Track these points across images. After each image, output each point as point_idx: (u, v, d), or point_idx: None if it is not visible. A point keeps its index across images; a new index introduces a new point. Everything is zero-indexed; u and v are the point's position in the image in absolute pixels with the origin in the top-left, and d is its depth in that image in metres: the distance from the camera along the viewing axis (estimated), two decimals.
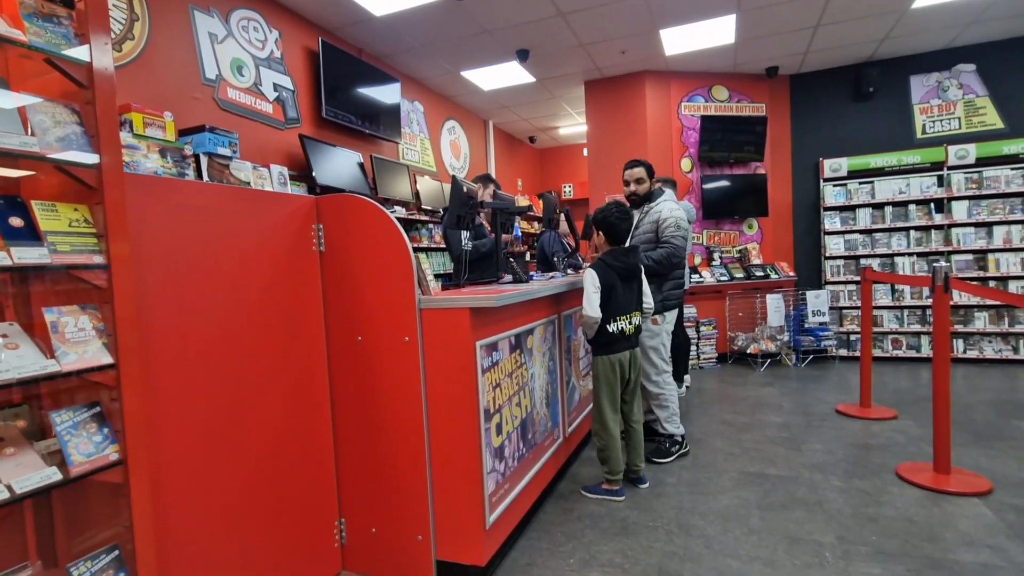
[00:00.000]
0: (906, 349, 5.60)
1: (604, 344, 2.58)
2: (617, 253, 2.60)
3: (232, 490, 1.67)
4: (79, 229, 1.27)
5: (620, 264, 2.57)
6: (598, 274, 2.52)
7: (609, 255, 2.59)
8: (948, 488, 2.53)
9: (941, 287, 2.62)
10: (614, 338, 2.56)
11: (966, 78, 5.50)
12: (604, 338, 2.56)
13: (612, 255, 2.58)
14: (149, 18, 3.01)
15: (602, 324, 2.52)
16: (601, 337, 2.56)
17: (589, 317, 2.50)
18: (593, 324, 2.52)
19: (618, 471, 2.60)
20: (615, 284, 2.54)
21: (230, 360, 1.69)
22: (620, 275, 2.56)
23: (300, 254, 1.98)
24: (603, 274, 2.52)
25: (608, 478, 2.62)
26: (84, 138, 1.27)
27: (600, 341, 2.58)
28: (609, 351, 2.58)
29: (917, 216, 5.55)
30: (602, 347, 2.59)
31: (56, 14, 1.25)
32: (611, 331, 2.54)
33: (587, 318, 2.51)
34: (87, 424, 1.27)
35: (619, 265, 2.56)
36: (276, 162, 3.71)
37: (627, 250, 2.64)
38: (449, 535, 1.93)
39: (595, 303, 2.49)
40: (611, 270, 2.54)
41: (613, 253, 2.59)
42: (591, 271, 2.54)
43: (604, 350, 2.59)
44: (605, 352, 2.59)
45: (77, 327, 1.25)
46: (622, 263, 2.58)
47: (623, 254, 2.60)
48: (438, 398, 1.91)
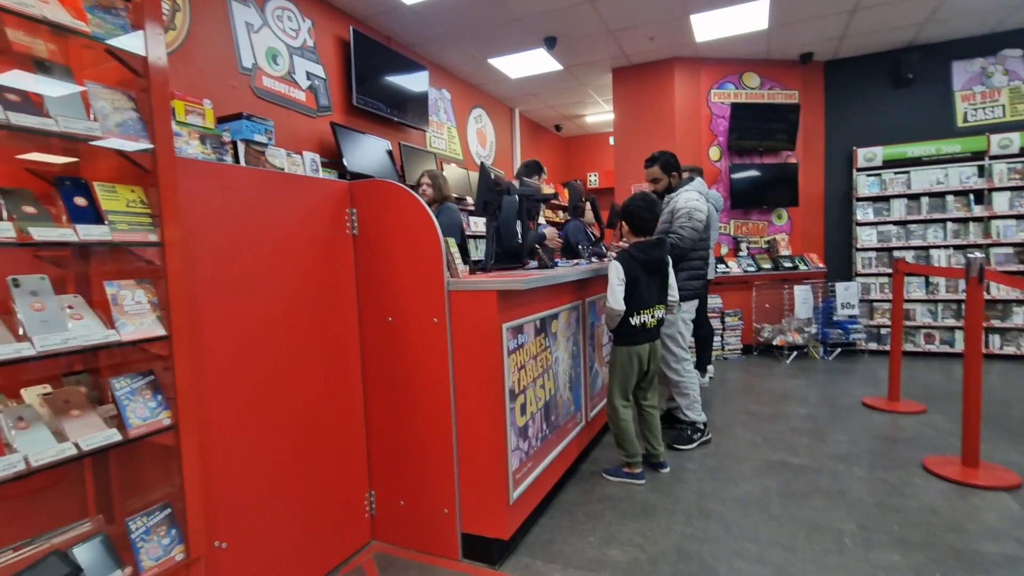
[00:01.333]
0: (939, 344, 5.46)
1: (625, 336, 2.58)
2: (643, 245, 2.57)
3: (271, 459, 1.77)
4: (135, 209, 1.36)
5: (645, 257, 2.54)
6: (623, 266, 2.50)
7: (635, 247, 2.56)
8: (975, 481, 2.50)
9: (975, 278, 2.56)
10: (635, 331, 2.56)
11: (1012, 63, 5.28)
12: (626, 330, 2.56)
13: (638, 247, 2.56)
14: (190, 9, 3.11)
15: (624, 316, 2.51)
16: (623, 328, 2.56)
17: (612, 310, 2.50)
18: (616, 316, 2.52)
19: (635, 453, 2.64)
20: (639, 277, 2.51)
21: (269, 336, 1.78)
22: (645, 268, 2.54)
23: (335, 237, 2.05)
24: (628, 266, 2.50)
25: (627, 461, 2.65)
26: (140, 123, 1.36)
27: (621, 332, 2.58)
28: (630, 342, 2.59)
29: (955, 207, 5.38)
30: (623, 338, 2.60)
31: (115, 5, 1.33)
32: (633, 324, 2.54)
33: (610, 310, 2.52)
34: (143, 391, 1.37)
35: (644, 258, 2.54)
36: (308, 149, 3.81)
37: (653, 242, 2.61)
38: (474, 509, 2.00)
39: (619, 296, 2.48)
40: (636, 263, 2.51)
41: (639, 245, 2.56)
42: (616, 263, 2.52)
43: (625, 341, 2.60)
44: (626, 343, 2.60)
45: (134, 300, 1.35)
46: (647, 256, 2.55)
47: (648, 247, 2.57)
48: (465, 378, 1.98)
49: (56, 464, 1.16)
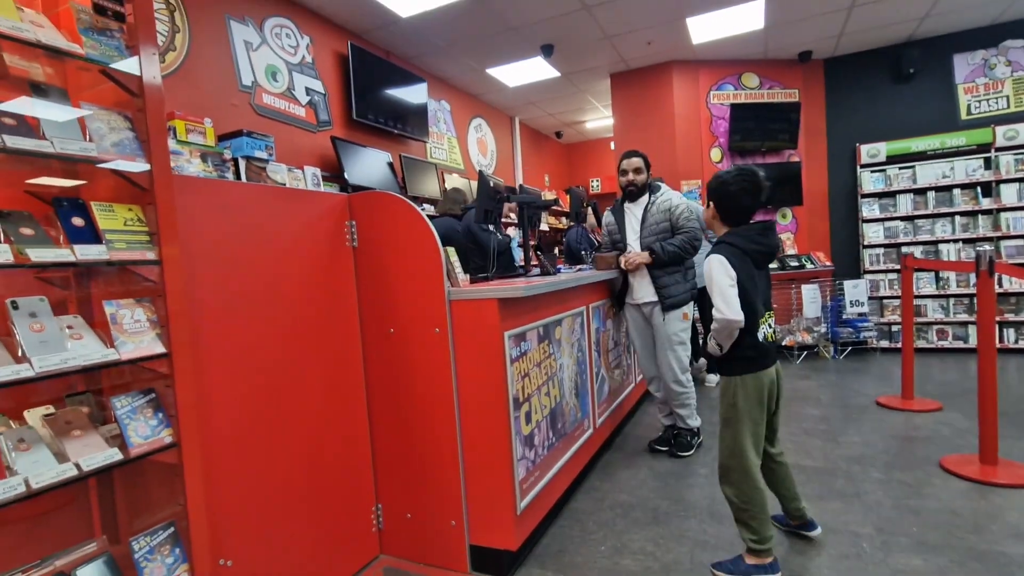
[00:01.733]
0: (952, 339, 5.38)
1: (749, 359, 1.83)
2: (751, 233, 1.86)
3: (275, 474, 1.76)
4: (133, 228, 1.36)
5: (758, 246, 1.85)
6: (729, 260, 1.79)
7: (739, 236, 1.85)
8: (995, 480, 2.44)
9: (985, 272, 2.52)
10: (763, 349, 1.84)
11: (1015, 54, 5.23)
12: (749, 351, 1.82)
13: (744, 235, 1.85)
14: (189, 30, 3.15)
15: (748, 332, 1.80)
16: (744, 350, 1.82)
17: (728, 321, 1.75)
18: (735, 330, 1.78)
19: (768, 537, 1.82)
20: (752, 274, 1.84)
21: (271, 351, 1.78)
22: (757, 261, 1.87)
23: (335, 249, 2.05)
24: (736, 260, 1.80)
25: (754, 547, 1.83)
26: (136, 143, 1.37)
27: (741, 355, 1.83)
28: (758, 367, 1.83)
29: (962, 201, 5.32)
30: (745, 363, 1.84)
31: (109, 28, 1.34)
32: (761, 339, 1.83)
33: (724, 324, 1.77)
34: (143, 409, 1.37)
35: (756, 247, 1.84)
36: (309, 164, 3.83)
37: (763, 227, 1.89)
38: (482, 520, 1.98)
39: (734, 300, 1.75)
40: (746, 255, 1.83)
41: (745, 233, 1.86)
42: (718, 258, 1.80)
43: (749, 366, 1.83)
44: (750, 368, 1.83)
45: (133, 319, 1.35)
46: (761, 244, 1.85)
47: (759, 232, 1.86)
48: (468, 387, 1.96)
49: (57, 486, 1.16)
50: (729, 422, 1.87)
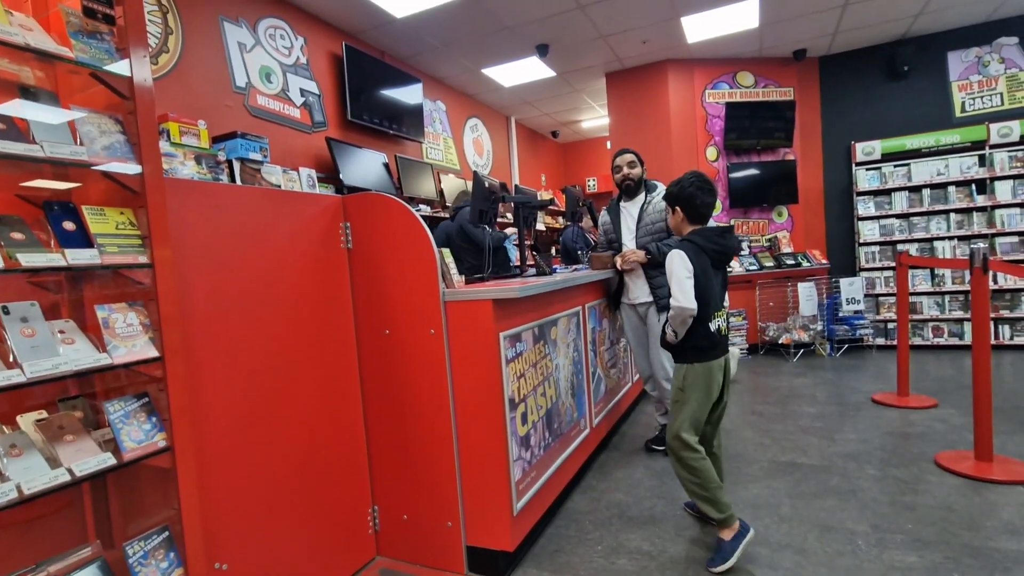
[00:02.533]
0: (948, 336, 5.40)
1: (701, 349, 2.02)
2: (709, 233, 2.06)
3: (271, 477, 1.76)
4: (125, 231, 1.35)
5: (715, 247, 2.03)
6: (688, 255, 1.98)
7: (699, 235, 2.04)
8: (990, 476, 2.45)
9: (979, 268, 2.53)
10: (714, 340, 2.02)
11: (1008, 52, 5.25)
12: (702, 340, 2.01)
13: (703, 235, 2.04)
14: (182, 31, 3.14)
15: (700, 322, 1.99)
16: (696, 340, 2.01)
17: (683, 309, 1.95)
18: (688, 318, 1.98)
19: (728, 503, 1.97)
20: (707, 271, 2.02)
21: (266, 353, 1.77)
22: (715, 261, 2.05)
23: (329, 251, 2.05)
24: (694, 256, 1.99)
25: (721, 520, 1.96)
26: (127, 146, 1.36)
27: (693, 345, 2.02)
28: (707, 356, 2.02)
29: (957, 198, 5.33)
30: (697, 352, 2.03)
31: (99, 31, 1.34)
32: (712, 329, 2.01)
33: (679, 311, 1.96)
34: (137, 413, 1.36)
35: (713, 247, 2.03)
36: (304, 165, 3.83)
37: (722, 229, 2.12)
38: (478, 521, 1.98)
39: (689, 291, 1.95)
40: (704, 254, 2.01)
41: (704, 233, 2.05)
42: (679, 253, 1.99)
43: (700, 355, 2.02)
44: (701, 358, 2.02)
45: (126, 323, 1.34)
46: (718, 245, 2.04)
47: (717, 234, 2.06)
48: (464, 388, 1.96)
49: (49, 491, 1.15)
50: (678, 402, 2.06)
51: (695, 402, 2.01)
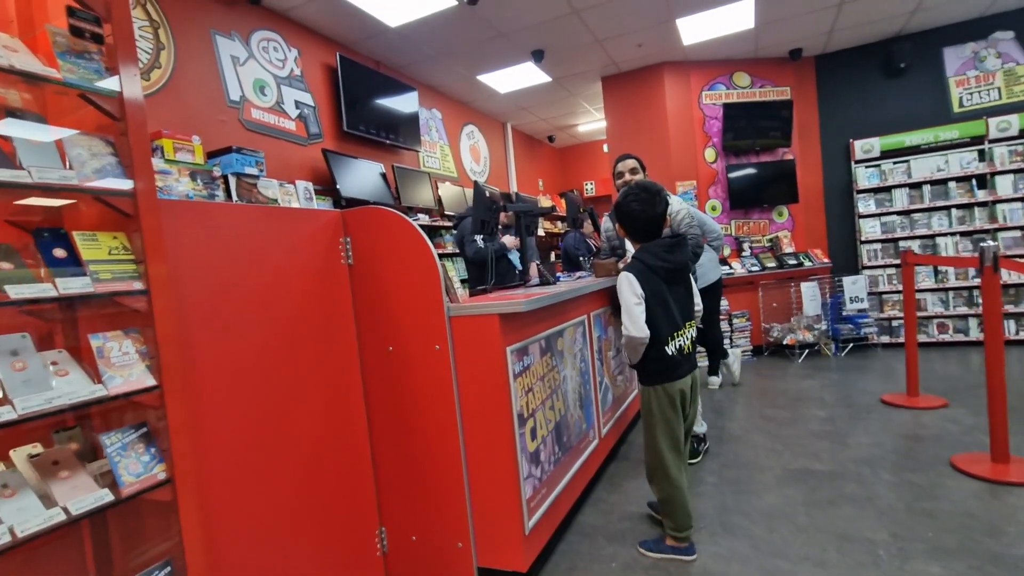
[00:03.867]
0: (953, 333, 5.36)
1: (660, 371, 1.97)
2: (656, 249, 1.97)
3: (276, 502, 1.70)
4: (119, 256, 1.31)
5: (664, 263, 1.95)
6: (637, 278, 1.92)
7: (647, 252, 1.97)
8: (1008, 479, 2.40)
9: (990, 267, 2.49)
10: (673, 362, 1.96)
11: (1004, 46, 5.24)
12: (660, 363, 1.96)
13: (651, 252, 1.97)
14: (174, 46, 3.10)
15: (653, 347, 1.93)
16: (654, 363, 1.96)
17: (633, 338, 1.90)
18: (640, 346, 1.92)
19: (686, 527, 2.04)
20: (660, 289, 1.94)
21: (267, 375, 1.72)
22: (666, 277, 1.97)
23: (330, 268, 2.00)
24: (644, 278, 1.92)
25: (674, 535, 2.06)
26: (119, 168, 1.31)
27: (652, 368, 1.98)
28: (667, 378, 1.97)
29: (958, 194, 5.31)
30: (656, 375, 1.98)
31: (88, 50, 1.29)
32: (669, 353, 1.95)
33: (630, 339, 1.91)
34: (135, 444, 1.31)
35: (663, 264, 1.95)
36: (301, 178, 3.78)
37: (670, 243, 2.00)
38: (489, 542, 1.92)
39: (639, 318, 1.88)
40: (653, 273, 1.94)
41: (651, 249, 1.97)
42: (627, 276, 1.93)
43: (659, 378, 1.98)
44: (660, 379, 1.98)
45: (121, 351, 1.29)
46: (666, 261, 1.96)
47: (666, 249, 1.98)
48: (471, 405, 1.91)
49: (45, 532, 1.10)
50: (647, 426, 2.06)
51: (664, 423, 2.01)
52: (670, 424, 2.00)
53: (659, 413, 2.01)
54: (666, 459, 2.01)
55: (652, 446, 2.04)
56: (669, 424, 2.00)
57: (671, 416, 2.00)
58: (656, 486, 2.08)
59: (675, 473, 2.01)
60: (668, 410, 1.99)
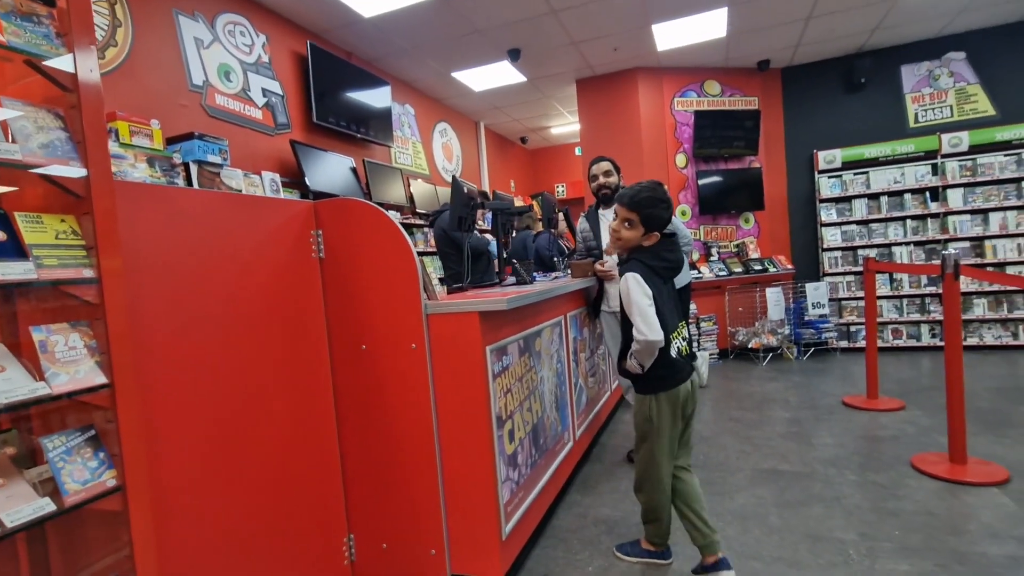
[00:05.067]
0: (906, 338, 5.59)
1: (663, 377, 1.84)
2: (659, 250, 1.87)
3: (237, 509, 1.59)
4: (67, 241, 1.19)
5: (663, 263, 1.86)
6: (644, 279, 1.79)
7: (648, 253, 1.86)
8: (966, 479, 2.49)
9: (951, 274, 2.58)
10: (677, 365, 1.84)
11: (956, 66, 5.51)
12: (664, 369, 1.83)
13: (651, 253, 1.86)
14: (132, 24, 2.92)
15: (661, 351, 1.80)
16: (659, 369, 1.82)
17: (651, 342, 1.74)
18: (654, 351, 1.78)
19: (666, 534, 2.01)
20: (659, 291, 1.84)
21: (230, 373, 1.61)
22: (664, 277, 1.88)
23: (300, 261, 1.90)
24: (649, 279, 1.81)
25: (653, 540, 2.04)
26: (69, 144, 1.19)
27: (657, 374, 1.83)
28: (671, 384, 1.84)
29: (913, 205, 5.55)
30: (659, 381, 1.84)
31: (36, 12, 1.17)
32: (672, 356, 1.83)
33: (646, 344, 1.75)
34: (81, 449, 1.19)
35: (662, 264, 1.86)
36: (267, 169, 3.63)
37: (669, 243, 1.90)
38: (464, 548, 1.86)
39: (655, 320, 1.74)
40: (654, 273, 1.84)
41: (654, 250, 1.86)
42: (634, 277, 1.79)
43: (662, 384, 1.84)
44: (665, 386, 1.84)
45: (67, 346, 1.17)
46: (666, 260, 1.87)
47: (668, 249, 1.88)
48: (448, 407, 1.84)
49: None
50: (646, 437, 1.92)
51: (663, 434, 1.87)
52: (671, 435, 1.88)
53: (659, 424, 1.85)
54: (661, 469, 1.89)
55: (649, 458, 1.91)
56: (669, 435, 1.87)
57: (670, 426, 1.86)
58: (644, 495, 1.97)
59: (666, 483, 1.91)
60: (669, 420, 1.86)
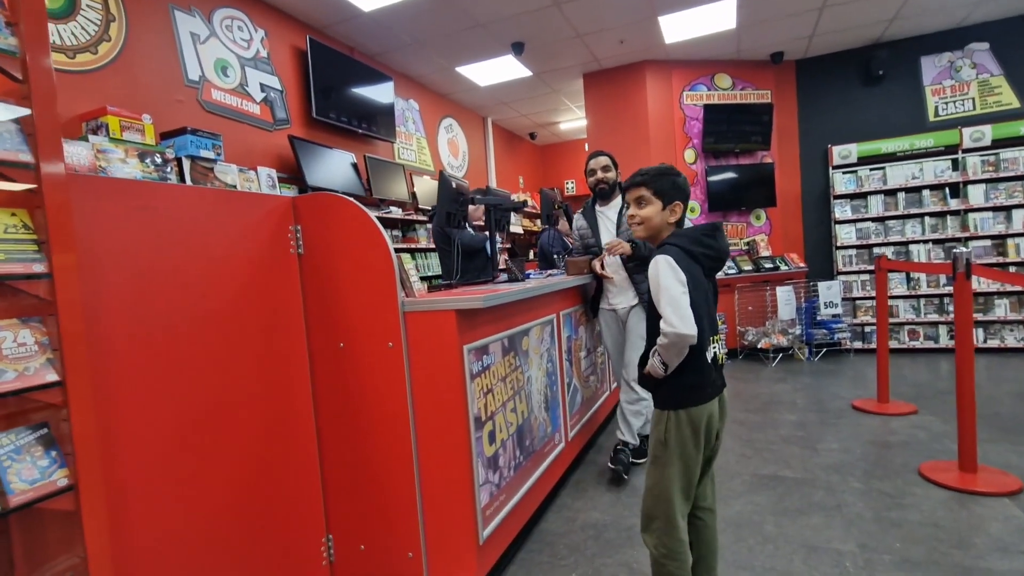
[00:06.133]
0: (923, 340, 5.41)
1: (693, 388, 1.46)
2: (695, 234, 1.51)
3: (208, 510, 1.56)
4: (16, 236, 1.16)
5: (706, 250, 1.49)
6: (680, 265, 1.43)
7: (685, 237, 1.51)
8: (975, 488, 2.37)
9: (963, 274, 2.46)
10: (710, 375, 1.47)
11: (980, 57, 5.29)
12: (695, 376, 1.45)
13: (688, 236, 1.51)
14: (126, 18, 2.92)
15: (697, 350, 1.43)
16: (688, 376, 1.44)
17: (683, 336, 1.36)
18: (684, 348, 1.40)
19: None
20: (701, 282, 1.48)
21: (202, 371, 1.58)
22: (706, 268, 1.51)
23: (277, 257, 1.86)
24: (686, 265, 1.44)
25: None
26: (20, 136, 1.17)
27: (683, 382, 1.46)
28: (700, 397, 1.46)
29: (932, 202, 5.35)
30: (687, 393, 1.46)
31: None
32: (708, 360, 1.47)
33: (676, 339, 1.37)
34: (31, 448, 1.16)
35: (704, 252, 1.49)
36: (265, 165, 3.62)
37: (713, 227, 1.54)
38: (441, 552, 1.81)
39: (686, 310, 1.38)
40: (694, 260, 1.47)
41: (689, 234, 1.52)
42: (665, 259, 1.43)
43: (692, 397, 1.46)
44: (694, 400, 1.45)
45: (17, 342, 1.15)
46: (709, 248, 1.50)
47: (706, 234, 1.51)
48: (425, 407, 1.80)
49: None
50: (658, 461, 1.50)
51: (683, 461, 1.46)
52: (688, 464, 1.47)
53: (678, 447, 1.46)
54: (674, 506, 1.48)
55: (660, 489, 1.49)
56: (687, 463, 1.47)
57: (692, 453, 1.46)
58: (653, 536, 1.51)
59: (681, 525, 1.49)
60: (690, 445, 1.46)
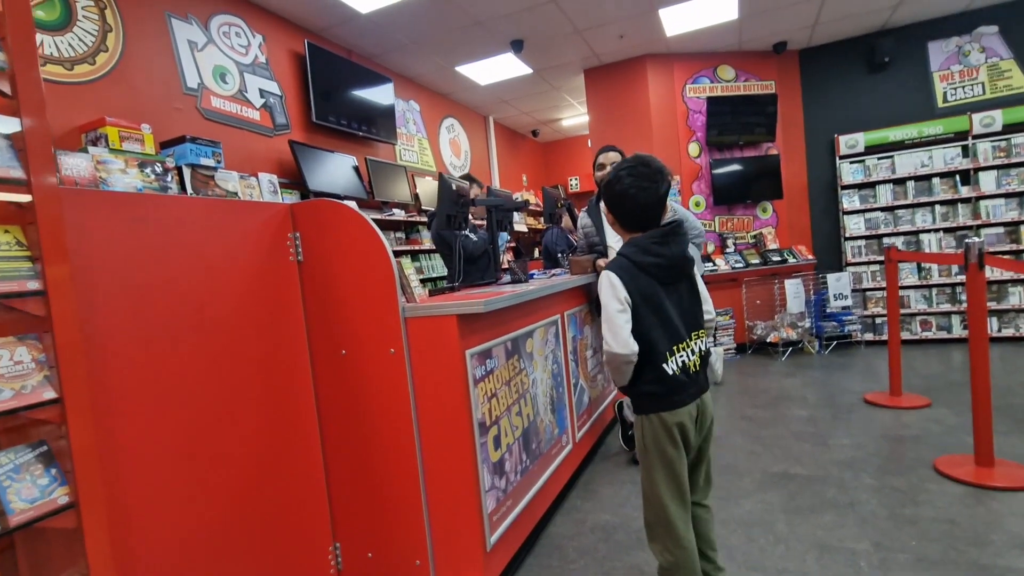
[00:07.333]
0: (936, 330, 5.32)
1: (656, 396, 1.47)
2: (645, 242, 1.49)
3: (213, 521, 1.56)
4: (10, 253, 1.15)
5: (655, 259, 1.47)
6: (621, 279, 1.44)
7: (635, 246, 1.50)
8: (992, 483, 2.32)
9: (975, 264, 2.41)
10: (675, 384, 1.46)
11: (988, 41, 5.19)
12: (655, 385, 1.46)
13: (639, 246, 1.49)
14: (123, 28, 2.91)
15: (651, 364, 1.45)
16: (648, 384, 1.47)
17: (615, 355, 1.42)
18: (624, 365, 1.44)
19: None
20: (654, 292, 1.46)
21: (203, 383, 1.57)
22: (660, 277, 1.48)
23: (276, 265, 1.85)
24: (629, 278, 1.45)
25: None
26: (11, 151, 1.16)
27: (647, 390, 1.48)
28: (666, 405, 1.46)
29: (942, 190, 5.26)
30: (651, 400, 1.48)
31: None
32: (669, 372, 1.45)
33: (612, 356, 1.44)
34: (31, 466, 1.16)
35: (654, 261, 1.47)
36: (266, 170, 3.61)
37: (662, 233, 1.50)
38: (448, 559, 1.79)
39: (622, 330, 1.41)
40: (642, 272, 1.47)
41: (639, 243, 1.50)
42: (608, 275, 1.46)
43: (656, 404, 1.47)
44: (658, 407, 1.47)
45: (13, 360, 1.14)
46: (659, 256, 1.47)
47: (656, 241, 1.49)
48: (429, 413, 1.78)
49: None
50: (644, 466, 1.53)
51: (663, 463, 1.48)
52: (670, 464, 1.47)
53: (655, 449, 1.48)
54: (669, 511, 1.46)
55: (651, 494, 1.50)
56: (669, 464, 1.47)
57: (671, 453, 1.47)
58: (658, 545, 1.50)
59: (682, 530, 1.46)
60: (666, 446, 1.47)
